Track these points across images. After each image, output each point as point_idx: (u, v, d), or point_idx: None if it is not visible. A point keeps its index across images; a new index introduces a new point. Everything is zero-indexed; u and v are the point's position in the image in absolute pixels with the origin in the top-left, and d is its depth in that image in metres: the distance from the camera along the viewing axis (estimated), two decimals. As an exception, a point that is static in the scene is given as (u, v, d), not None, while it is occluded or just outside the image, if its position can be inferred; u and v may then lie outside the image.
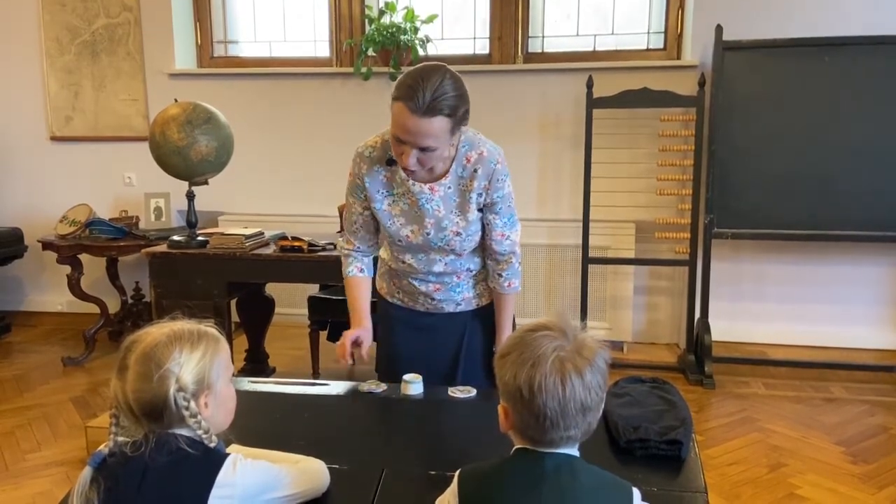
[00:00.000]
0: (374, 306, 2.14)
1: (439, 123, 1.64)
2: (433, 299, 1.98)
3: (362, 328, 1.94)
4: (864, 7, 3.74)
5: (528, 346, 1.11)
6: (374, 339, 3.78)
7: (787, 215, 3.71)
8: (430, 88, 1.61)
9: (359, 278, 2.00)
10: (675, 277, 4.16)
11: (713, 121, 3.72)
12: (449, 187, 1.84)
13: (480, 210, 1.88)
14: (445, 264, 1.93)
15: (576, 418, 1.09)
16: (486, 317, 2.01)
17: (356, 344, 1.91)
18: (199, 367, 1.18)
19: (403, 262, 1.95)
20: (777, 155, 3.69)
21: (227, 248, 3.19)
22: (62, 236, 4.05)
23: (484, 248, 1.95)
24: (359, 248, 1.99)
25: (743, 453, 2.99)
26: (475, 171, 1.81)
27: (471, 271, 1.97)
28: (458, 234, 1.86)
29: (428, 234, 1.87)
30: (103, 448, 1.19)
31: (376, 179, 1.87)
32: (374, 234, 1.99)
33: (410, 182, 1.83)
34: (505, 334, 1.96)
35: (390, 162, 1.83)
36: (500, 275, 1.95)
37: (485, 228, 1.91)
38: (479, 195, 1.84)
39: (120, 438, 1.19)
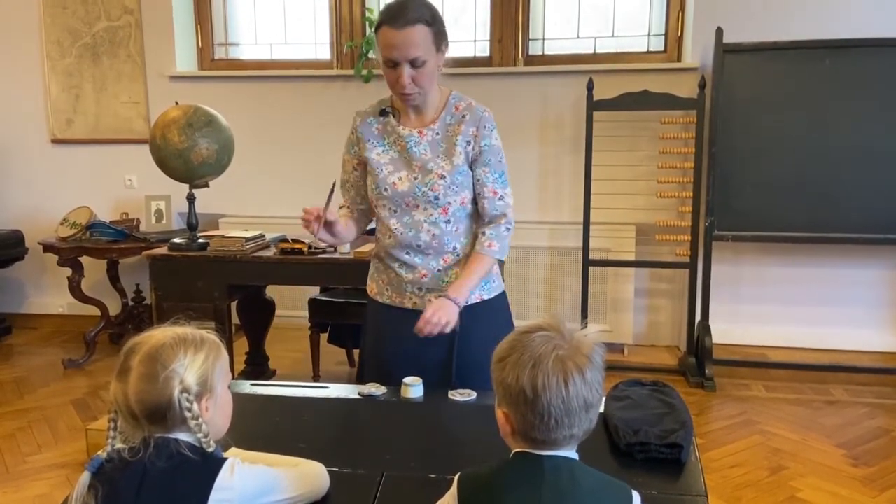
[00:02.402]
0: (363, 309, 2.14)
1: (421, 32, 1.78)
2: (420, 289, 1.96)
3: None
4: (865, 9, 3.74)
5: (526, 347, 1.11)
6: (357, 346, 3.73)
7: (787, 218, 3.71)
8: (406, 7, 1.79)
9: (343, 214, 2.04)
10: (675, 280, 4.16)
11: (713, 123, 3.72)
12: (437, 133, 1.91)
13: (470, 167, 1.91)
14: (429, 230, 1.92)
15: (579, 416, 1.10)
16: (479, 316, 1.97)
17: (317, 218, 1.84)
18: (202, 370, 1.19)
19: (390, 237, 1.95)
20: (777, 157, 3.69)
21: (227, 251, 3.20)
22: (63, 238, 4.06)
23: (476, 217, 1.96)
24: (350, 206, 2.06)
25: (743, 456, 2.98)
26: (463, 116, 1.91)
27: (456, 252, 1.94)
28: (442, 176, 1.89)
29: (415, 178, 1.90)
30: (101, 453, 1.19)
31: (369, 130, 1.97)
32: (363, 197, 2.03)
33: (400, 127, 1.93)
34: (463, 287, 1.87)
35: (383, 113, 1.96)
36: (483, 233, 1.92)
37: (476, 189, 1.92)
38: (468, 142, 1.90)
39: (118, 444, 1.19)
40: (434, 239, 1.93)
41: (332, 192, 1.87)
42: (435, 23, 1.81)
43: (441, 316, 1.80)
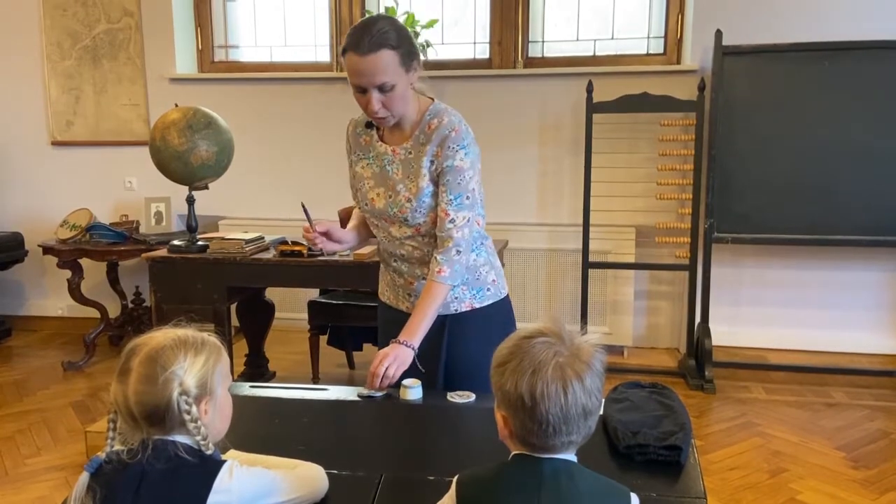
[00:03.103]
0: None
1: (386, 57, 1.74)
2: (410, 295, 1.97)
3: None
4: (864, 12, 3.75)
5: (526, 353, 1.11)
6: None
7: (787, 220, 3.71)
8: (370, 31, 1.74)
9: (357, 216, 2.12)
10: (675, 282, 4.16)
11: (713, 125, 3.72)
12: (410, 152, 1.89)
13: (435, 183, 1.86)
14: (407, 244, 1.92)
15: (578, 423, 1.10)
16: (470, 324, 1.96)
17: (325, 234, 1.98)
18: (202, 372, 1.19)
19: (381, 244, 2.01)
20: (777, 159, 3.70)
21: (227, 253, 3.20)
22: (63, 241, 4.06)
23: None
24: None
25: (743, 458, 2.98)
26: (431, 136, 1.86)
27: None
28: (409, 199, 1.88)
29: (389, 196, 1.91)
30: (101, 454, 1.19)
31: (357, 141, 1.98)
32: None
33: (379, 144, 1.92)
34: (414, 327, 1.81)
35: (369, 125, 1.94)
36: (435, 257, 1.87)
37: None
38: (431, 162, 1.85)
39: (116, 446, 1.19)
40: (414, 250, 1.94)
41: (304, 209, 1.96)
42: (401, 45, 1.75)
43: (390, 365, 1.76)
